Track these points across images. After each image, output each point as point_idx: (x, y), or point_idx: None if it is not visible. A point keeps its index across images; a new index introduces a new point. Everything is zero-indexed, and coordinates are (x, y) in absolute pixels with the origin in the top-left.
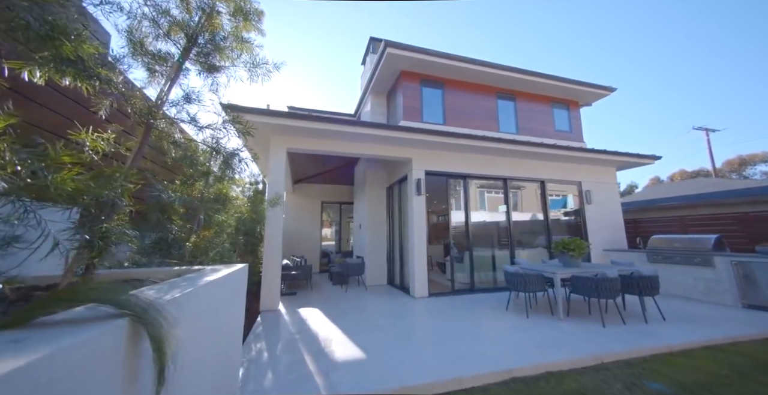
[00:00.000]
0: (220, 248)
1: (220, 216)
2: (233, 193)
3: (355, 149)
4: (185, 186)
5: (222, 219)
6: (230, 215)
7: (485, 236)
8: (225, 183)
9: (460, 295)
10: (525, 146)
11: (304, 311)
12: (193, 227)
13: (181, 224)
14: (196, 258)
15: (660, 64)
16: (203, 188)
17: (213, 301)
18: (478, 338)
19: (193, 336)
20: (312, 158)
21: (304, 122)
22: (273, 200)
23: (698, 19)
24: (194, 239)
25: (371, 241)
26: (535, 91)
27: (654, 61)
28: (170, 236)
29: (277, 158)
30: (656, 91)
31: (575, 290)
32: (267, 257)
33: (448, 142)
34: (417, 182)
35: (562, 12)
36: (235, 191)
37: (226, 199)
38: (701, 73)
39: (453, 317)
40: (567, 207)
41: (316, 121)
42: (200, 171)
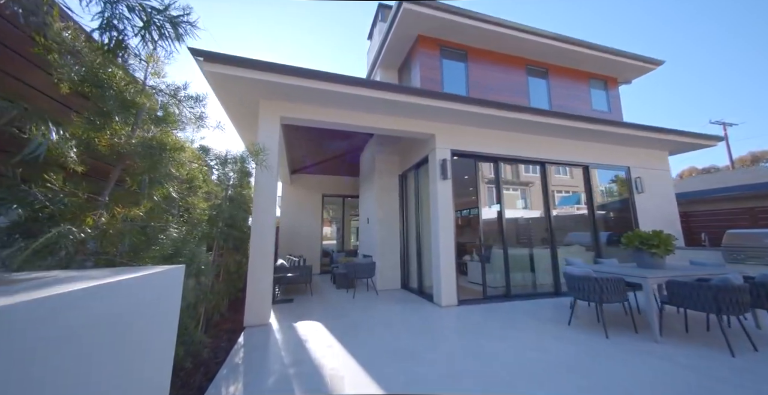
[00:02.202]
0: (180, 242)
1: (167, 186)
2: (196, 166)
3: (366, 121)
4: (90, 127)
5: (167, 192)
6: (199, 197)
7: (519, 232)
8: (172, 135)
9: (494, 302)
10: (569, 121)
11: (303, 326)
12: (101, 200)
13: (74, 193)
14: (115, 256)
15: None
16: (128, 133)
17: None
18: (561, 374)
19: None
20: (312, 142)
21: (303, 79)
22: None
23: (697, 20)
24: (105, 220)
25: (382, 238)
26: (570, 64)
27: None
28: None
29: (268, 130)
30: (656, 90)
31: (673, 300)
32: (255, 256)
33: (480, 112)
34: (442, 163)
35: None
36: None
37: (172, 151)
38: (699, 71)
39: (503, 336)
40: (580, 203)
41: (320, 79)
42: (123, 104)
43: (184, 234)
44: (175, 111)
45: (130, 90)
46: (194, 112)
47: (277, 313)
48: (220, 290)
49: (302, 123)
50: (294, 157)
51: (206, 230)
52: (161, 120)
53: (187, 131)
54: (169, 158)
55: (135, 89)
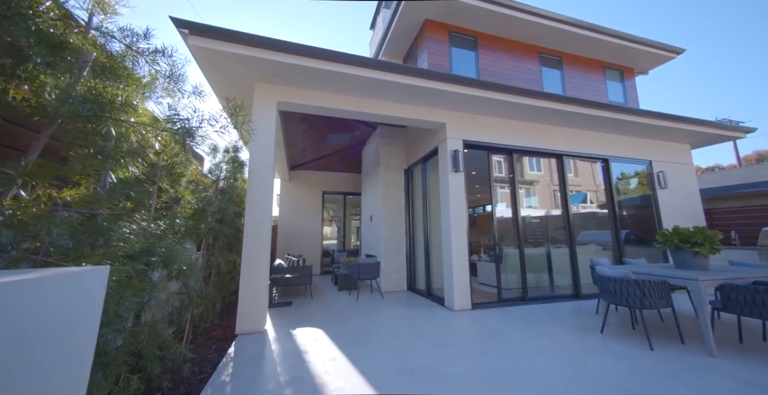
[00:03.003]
0: (154, 237)
1: (124, 161)
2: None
3: (371, 108)
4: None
5: (129, 173)
6: (183, 188)
7: (533, 231)
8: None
9: (510, 306)
10: (590, 108)
11: (302, 333)
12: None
13: None
14: (36, 253)
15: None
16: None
17: None
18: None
19: None
20: (311, 135)
21: (304, 58)
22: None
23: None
24: (9, 203)
25: (386, 236)
26: (585, 53)
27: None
28: None
29: (264, 115)
30: (657, 84)
31: (729, 306)
32: (248, 255)
33: (496, 98)
34: (453, 154)
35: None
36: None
37: (113, 107)
38: (702, 69)
39: (532, 348)
40: (586, 202)
41: (322, 58)
42: (47, 43)
43: (162, 229)
44: (137, 66)
45: (60, 28)
46: (160, 69)
47: (274, 318)
48: (210, 293)
49: (301, 109)
50: (293, 152)
51: (191, 224)
52: (106, 70)
53: (157, 98)
54: (112, 119)
55: (68, 27)
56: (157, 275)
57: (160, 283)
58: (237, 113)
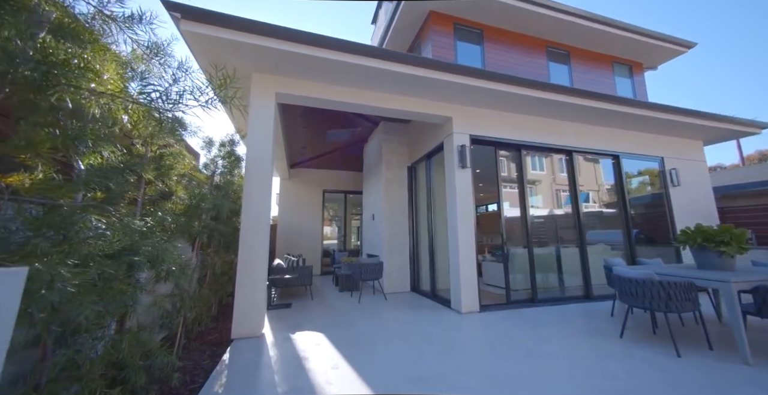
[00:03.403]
0: (137, 234)
1: (88, 139)
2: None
3: (375, 100)
4: None
5: (101, 158)
6: (174, 181)
7: (539, 230)
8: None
9: (519, 308)
10: (603, 102)
11: (302, 338)
12: None
13: None
14: None
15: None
16: None
17: None
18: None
19: None
20: (311, 132)
21: (306, 46)
22: (220, 83)
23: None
24: None
25: (389, 235)
26: (593, 47)
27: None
28: None
29: (261, 108)
30: (662, 80)
31: (765, 310)
32: (245, 254)
33: (506, 90)
34: (460, 149)
35: None
36: None
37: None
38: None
39: (551, 355)
40: (588, 202)
41: (325, 47)
42: None
43: (149, 225)
44: (108, 34)
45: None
46: (137, 38)
47: (273, 321)
48: (205, 295)
49: (301, 102)
50: (293, 149)
51: (182, 222)
52: (64, 29)
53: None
54: (67, 85)
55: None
56: (145, 277)
57: (147, 285)
58: (227, 85)
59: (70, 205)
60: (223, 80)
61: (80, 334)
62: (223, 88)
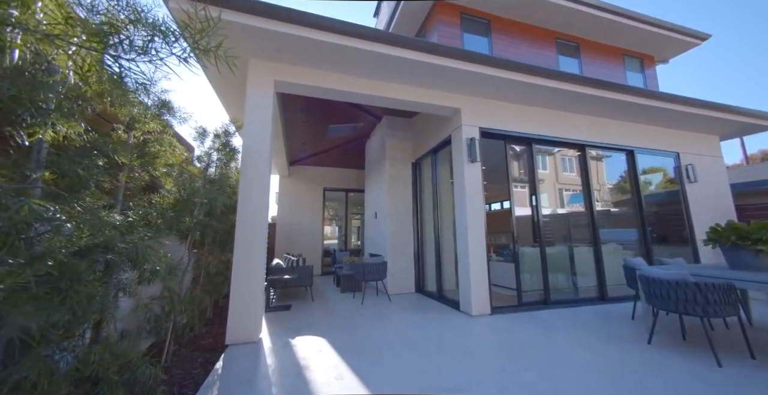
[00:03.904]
0: (111, 229)
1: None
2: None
3: (380, 90)
4: None
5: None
6: (163, 172)
7: (550, 229)
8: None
9: (532, 310)
10: (619, 93)
11: (303, 344)
12: None
13: None
14: None
15: None
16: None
17: None
18: None
19: None
20: (312, 127)
21: (306, 29)
22: (199, 29)
23: None
24: None
25: (393, 234)
26: (604, 39)
27: None
28: None
29: (259, 97)
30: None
31: None
32: (240, 253)
33: (521, 80)
34: (469, 142)
35: None
36: None
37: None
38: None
39: (578, 364)
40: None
41: (326, 30)
42: None
43: (130, 220)
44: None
45: None
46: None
47: (271, 324)
48: (198, 297)
49: (302, 91)
50: (292, 146)
51: (171, 216)
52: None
53: None
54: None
55: None
56: (127, 278)
57: (128, 287)
58: (208, 31)
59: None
60: (206, 23)
61: (45, 345)
62: (206, 33)
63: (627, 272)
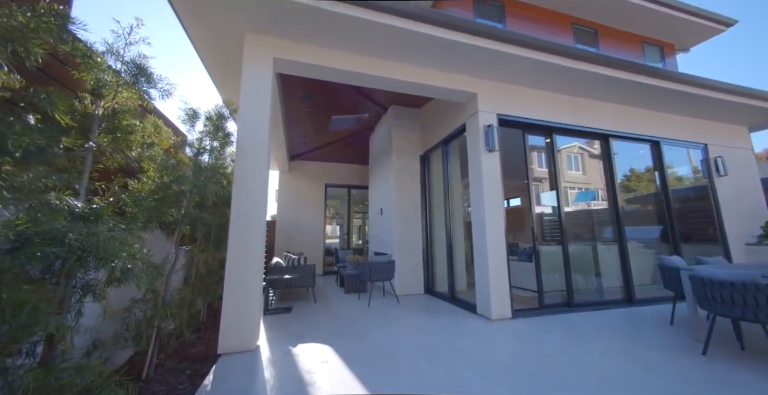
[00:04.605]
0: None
1: None
2: None
3: (390, 71)
4: None
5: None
6: (141, 153)
7: (572, 225)
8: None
9: (556, 314)
10: (650, 77)
11: (306, 352)
12: None
13: None
14: None
15: None
16: None
17: None
18: None
19: None
20: (313, 118)
21: None
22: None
23: None
24: None
25: (400, 231)
26: (623, 25)
27: None
28: None
29: (256, 76)
30: None
31: None
32: (235, 250)
33: (539, 58)
34: (487, 130)
35: None
36: None
37: None
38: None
39: (626, 378)
40: (597, 200)
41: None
42: None
43: (92, 207)
44: None
45: None
46: None
47: (270, 329)
48: (188, 299)
49: (304, 72)
50: (293, 138)
51: (150, 206)
52: None
53: None
54: None
55: None
56: (94, 278)
57: (98, 289)
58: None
59: None
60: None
61: None
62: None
63: (665, 272)
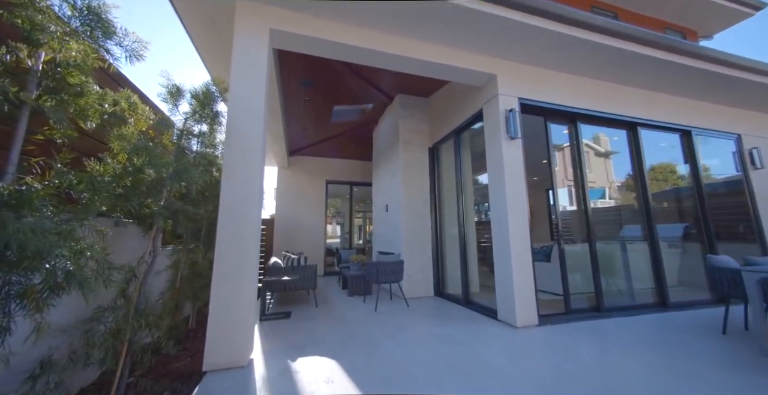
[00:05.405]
0: None
1: None
2: None
3: (400, 48)
4: None
5: None
6: (98, 122)
7: (596, 223)
8: None
9: (585, 319)
10: (698, 61)
11: (307, 368)
12: None
13: None
14: None
15: None
16: None
17: None
18: None
19: None
20: (315, 107)
21: None
22: None
23: None
24: None
25: (408, 229)
26: (644, 9)
27: None
28: None
29: (250, 48)
30: None
31: None
32: (225, 247)
33: (574, 35)
34: (508, 115)
35: None
36: None
37: None
38: None
39: None
40: (605, 198)
41: None
42: None
43: (29, 189)
44: None
45: None
46: None
47: (267, 338)
48: (170, 305)
49: (305, 47)
50: (293, 131)
51: (110, 191)
52: None
53: None
54: None
55: None
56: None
57: (29, 298)
58: None
59: None
60: None
61: None
62: None
63: (716, 273)
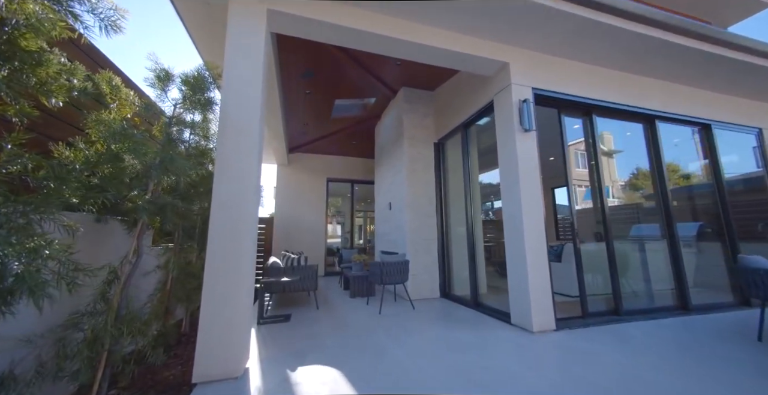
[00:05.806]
0: None
1: None
2: None
3: (407, 33)
4: None
5: None
6: (63, 98)
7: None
8: None
9: (603, 324)
10: (727, 50)
11: (308, 380)
12: None
13: None
14: None
15: None
16: None
17: None
18: None
19: None
20: (316, 100)
21: None
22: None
23: None
24: None
25: (413, 228)
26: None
27: None
28: None
29: (246, 29)
30: None
31: None
32: (218, 245)
33: (600, 19)
34: (521, 106)
35: None
36: None
37: None
38: None
39: None
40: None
41: None
42: None
43: None
44: None
45: None
46: None
47: (264, 344)
48: (159, 309)
49: (305, 31)
50: (292, 128)
51: (87, 183)
52: None
53: None
54: None
55: None
56: None
57: None
58: None
59: None
60: None
61: None
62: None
63: (751, 275)
